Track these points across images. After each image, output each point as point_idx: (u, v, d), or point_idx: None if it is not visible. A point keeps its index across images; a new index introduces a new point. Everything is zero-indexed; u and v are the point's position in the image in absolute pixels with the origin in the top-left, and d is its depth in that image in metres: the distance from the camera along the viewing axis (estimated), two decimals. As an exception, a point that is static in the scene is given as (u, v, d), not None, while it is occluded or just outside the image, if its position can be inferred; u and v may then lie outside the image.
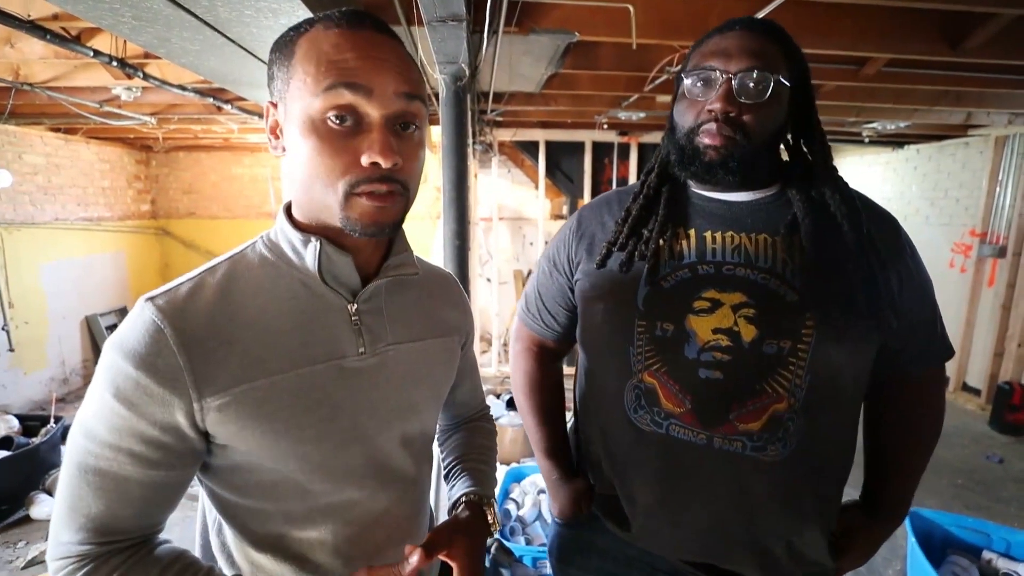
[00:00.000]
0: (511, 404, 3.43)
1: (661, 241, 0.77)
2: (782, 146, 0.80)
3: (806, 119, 0.77)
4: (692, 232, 0.77)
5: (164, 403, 0.50)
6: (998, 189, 3.98)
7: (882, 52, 2.09)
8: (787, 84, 0.71)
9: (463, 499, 0.71)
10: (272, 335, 0.55)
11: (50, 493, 2.69)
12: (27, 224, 4.00)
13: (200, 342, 0.51)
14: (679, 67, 0.81)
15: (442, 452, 0.83)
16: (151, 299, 0.52)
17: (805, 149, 0.79)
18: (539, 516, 2.26)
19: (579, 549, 0.88)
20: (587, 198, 4.75)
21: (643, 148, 4.72)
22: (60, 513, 0.52)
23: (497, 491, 2.21)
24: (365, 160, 0.51)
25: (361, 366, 0.59)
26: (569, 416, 0.99)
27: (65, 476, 0.52)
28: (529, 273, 5.31)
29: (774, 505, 0.74)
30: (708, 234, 0.76)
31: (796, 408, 0.70)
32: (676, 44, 2.07)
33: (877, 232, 0.74)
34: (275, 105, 0.55)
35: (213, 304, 0.54)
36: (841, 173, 0.78)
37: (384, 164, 0.51)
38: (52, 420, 2.98)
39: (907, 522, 1.99)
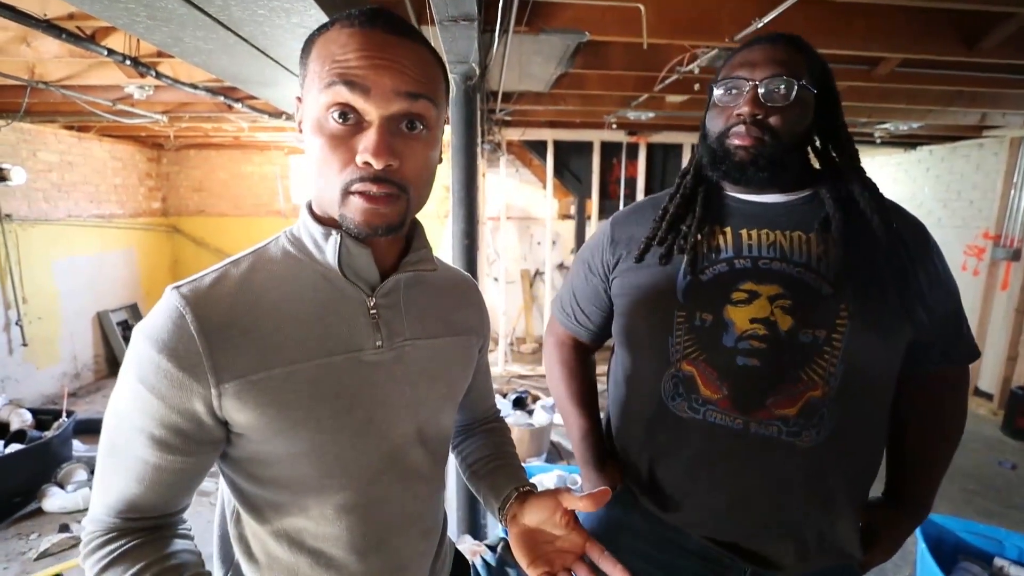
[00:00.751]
0: (517, 403, 3.43)
1: (699, 236, 0.81)
2: (812, 152, 0.84)
3: (833, 124, 0.81)
4: (728, 230, 0.81)
5: (183, 387, 0.51)
6: (1012, 191, 3.92)
7: (896, 52, 2.06)
8: (811, 90, 0.76)
9: (524, 488, 0.72)
10: (291, 325, 0.56)
11: (62, 486, 2.73)
12: (41, 221, 4.05)
13: (220, 329, 0.53)
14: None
15: (461, 453, 0.83)
16: (177, 288, 0.54)
17: (834, 153, 0.83)
18: (545, 516, 2.26)
19: (611, 528, 0.91)
20: (595, 198, 4.74)
21: (652, 148, 4.70)
22: (94, 488, 0.56)
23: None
24: (359, 159, 0.51)
25: (378, 359, 0.60)
26: (602, 415, 1.01)
27: (100, 451, 0.55)
28: (537, 273, 5.31)
29: (807, 490, 0.76)
30: (744, 231, 0.80)
31: (831, 396, 0.73)
32: (687, 44, 2.06)
33: (906, 231, 0.79)
34: (300, 100, 0.57)
35: (235, 293, 0.55)
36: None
37: (375, 164, 0.51)
38: (64, 414, 3.02)
39: (917, 528, 1.97)
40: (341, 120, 0.51)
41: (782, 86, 0.74)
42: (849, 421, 0.75)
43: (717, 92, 0.79)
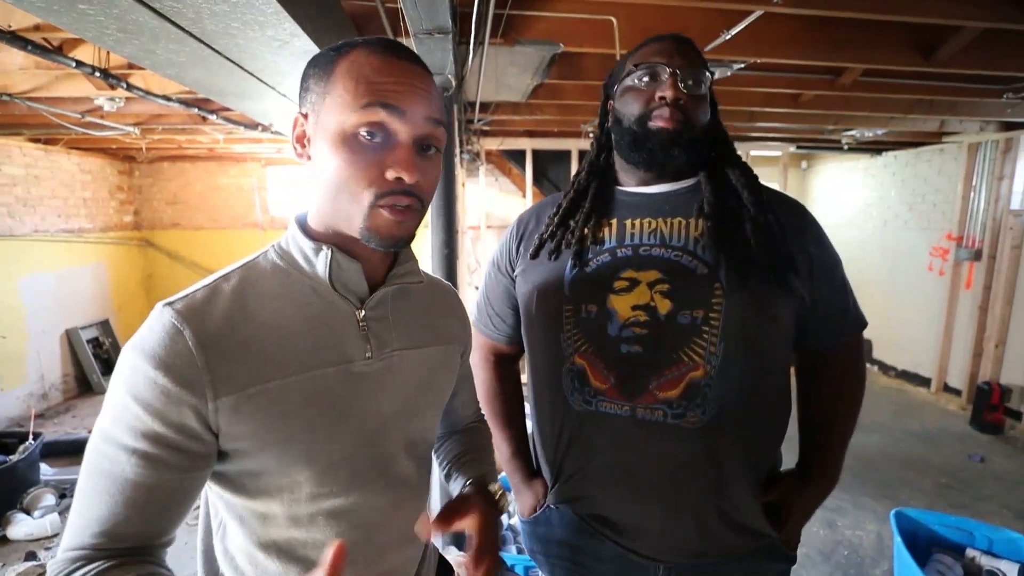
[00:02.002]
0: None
1: (585, 230, 0.84)
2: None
3: (714, 123, 0.86)
4: (614, 221, 0.84)
5: (180, 403, 0.51)
6: (972, 194, 4.10)
7: (857, 63, 2.15)
8: (710, 89, 0.81)
9: (467, 484, 0.74)
10: (284, 339, 0.57)
11: (28, 512, 2.62)
12: (5, 236, 3.91)
13: (217, 343, 0.53)
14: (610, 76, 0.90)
15: (439, 457, 0.85)
16: (169, 304, 0.54)
17: (714, 149, 0.87)
18: (531, 524, 2.26)
19: (542, 541, 0.94)
20: (574, 206, 4.79)
21: (629, 156, 4.77)
22: (70, 519, 0.53)
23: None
24: (390, 174, 0.54)
25: (368, 370, 0.62)
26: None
27: (79, 482, 0.53)
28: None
29: (697, 469, 0.77)
30: (628, 221, 0.83)
31: (712, 375, 0.75)
32: (659, 55, 2.11)
33: (782, 213, 0.81)
34: (306, 116, 0.58)
35: (229, 308, 0.56)
36: (821, 179, 0.83)
37: (407, 179, 0.55)
38: (31, 437, 2.91)
39: (893, 522, 2.02)
40: (370, 138, 0.54)
41: (698, 76, 0.78)
42: (734, 399, 0.76)
43: (634, 76, 0.80)
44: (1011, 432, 3.68)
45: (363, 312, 0.61)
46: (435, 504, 2.32)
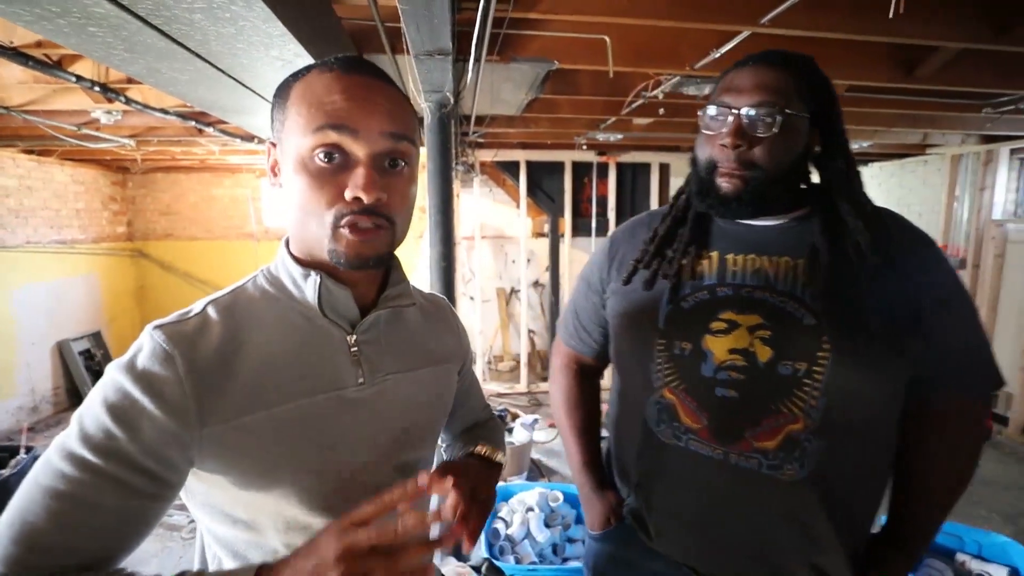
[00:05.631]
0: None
1: (683, 261, 0.80)
2: (814, 166, 0.80)
3: (834, 142, 0.77)
4: (715, 254, 0.80)
5: (164, 431, 0.49)
6: (956, 204, 4.19)
7: (842, 79, 2.22)
8: (802, 115, 0.72)
9: (473, 452, 0.73)
10: (273, 367, 0.56)
11: (19, 528, 2.58)
12: (-3, 248, 3.89)
13: (206, 373, 0.52)
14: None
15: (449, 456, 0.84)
16: (160, 327, 0.53)
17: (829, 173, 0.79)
18: (528, 534, 2.26)
19: (611, 562, 0.91)
20: (568, 216, 4.84)
21: (621, 167, 4.84)
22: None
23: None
24: (348, 195, 0.53)
25: (360, 396, 0.60)
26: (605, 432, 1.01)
27: (21, 496, 0.48)
28: (512, 292, 5.35)
29: (792, 525, 0.73)
30: (730, 256, 0.79)
31: (812, 429, 0.70)
32: (651, 71, 2.17)
33: (907, 252, 0.74)
34: (274, 145, 0.58)
35: (219, 336, 0.55)
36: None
37: (366, 199, 0.53)
38: (23, 450, 2.88)
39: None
40: (327, 160, 0.53)
41: (765, 116, 0.70)
42: (835, 456, 0.71)
43: (705, 116, 0.76)
44: (998, 437, 3.74)
45: (354, 337, 0.60)
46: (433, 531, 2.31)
